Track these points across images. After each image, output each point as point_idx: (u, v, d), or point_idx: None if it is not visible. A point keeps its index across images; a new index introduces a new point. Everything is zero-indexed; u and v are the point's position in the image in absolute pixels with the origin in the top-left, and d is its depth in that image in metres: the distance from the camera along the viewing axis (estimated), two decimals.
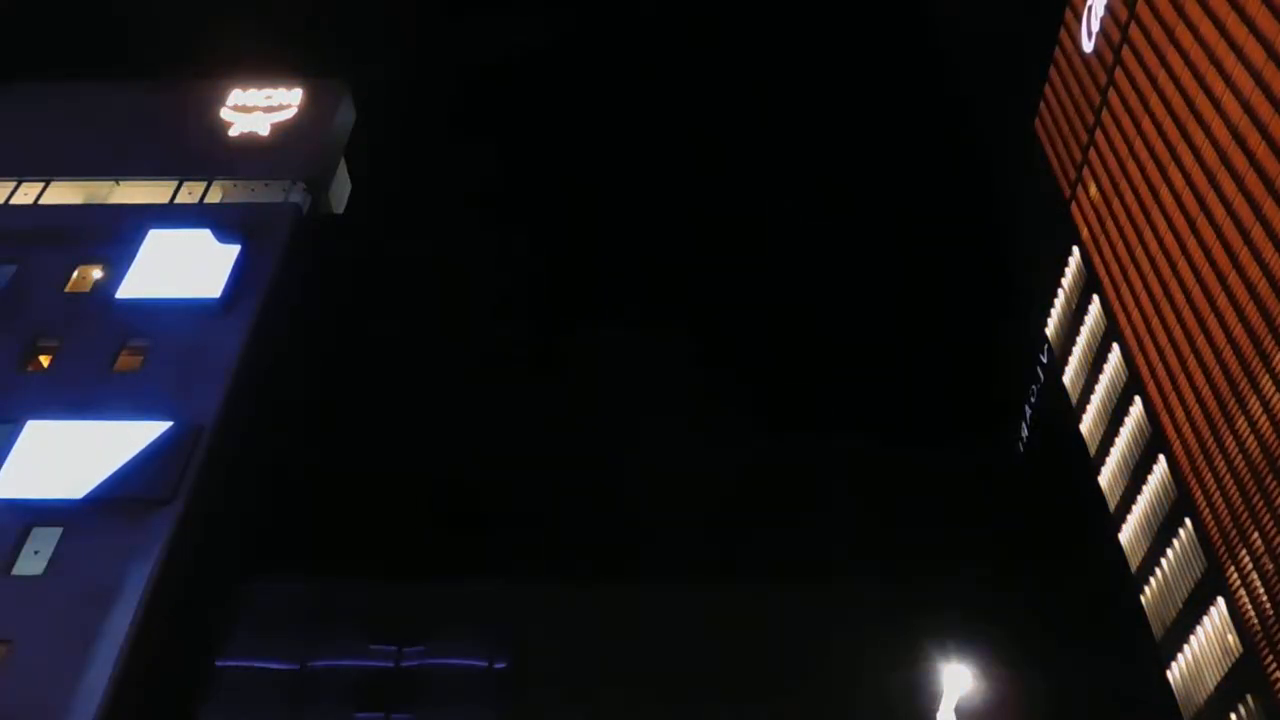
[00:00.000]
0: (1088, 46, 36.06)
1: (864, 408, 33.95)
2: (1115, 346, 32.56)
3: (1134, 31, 32.17)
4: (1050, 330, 37.59)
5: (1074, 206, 36.59)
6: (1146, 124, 30.91)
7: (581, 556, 30.60)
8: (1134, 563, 30.70)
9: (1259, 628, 23.91)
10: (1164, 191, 29.57)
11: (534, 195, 43.00)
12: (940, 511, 30.88)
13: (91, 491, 30.03)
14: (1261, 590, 23.79)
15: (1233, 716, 24.97)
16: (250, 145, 41.62)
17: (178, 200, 40.17)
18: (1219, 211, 26.23)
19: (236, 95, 43.42)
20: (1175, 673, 27.99)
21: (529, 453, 33.30)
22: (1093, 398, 34.06)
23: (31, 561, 29.48)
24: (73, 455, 31.00)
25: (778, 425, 33.41)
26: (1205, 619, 26.61)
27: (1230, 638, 25.32)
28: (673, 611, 29.39)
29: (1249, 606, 24.39)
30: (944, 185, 41.97)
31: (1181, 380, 28.10)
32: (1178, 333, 28.38)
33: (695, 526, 30.91)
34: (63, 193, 40.57)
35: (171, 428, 31.56)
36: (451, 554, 30.99)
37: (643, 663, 28.50)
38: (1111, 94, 33.72)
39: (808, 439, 32.87)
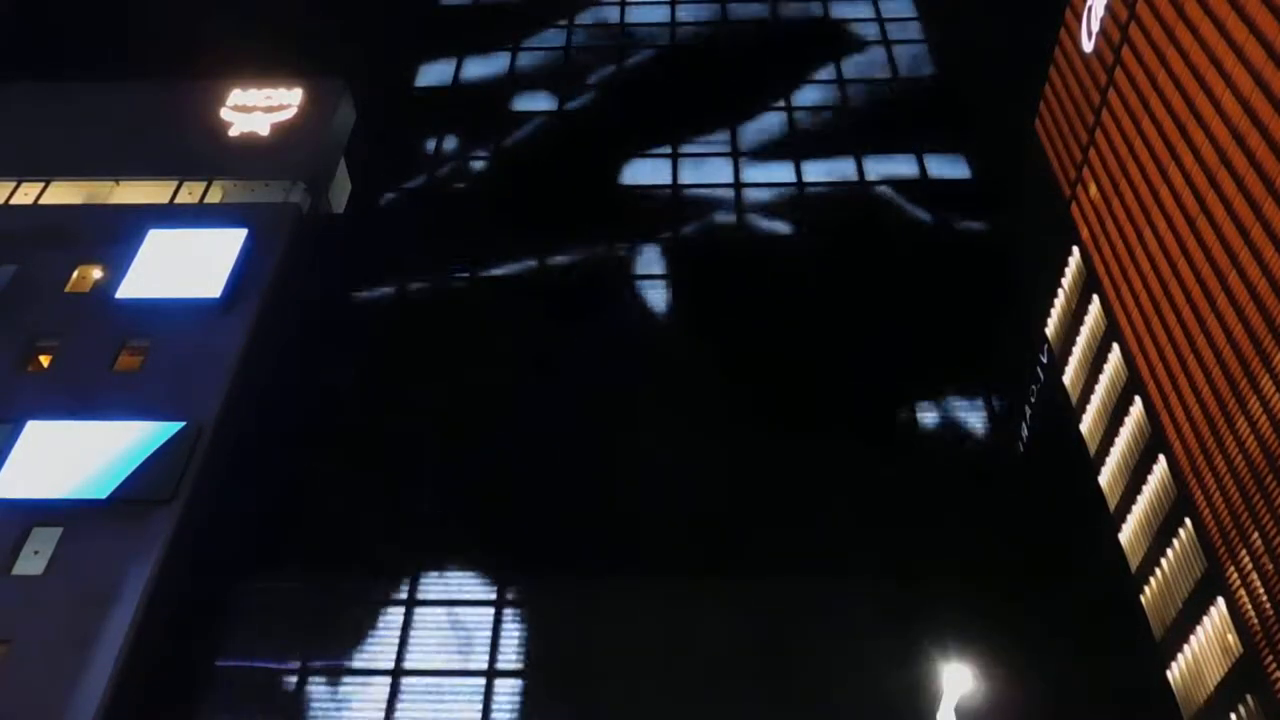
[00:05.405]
0: (1088, 46, 36.08)
1: (863, 407, 33.95)
2: (1115, 346, 32.57)
3: (1134, 31, 32.19)
4: (1050, 330, 37.62)
5: (1074, 206, 36.60)
6: (1146, 124, 30.92)
7: (581, 556, 30.60)
8: (1134, 563, 30.71)
9: (1259, 628, 23.91)
10: (1164, 191, 29.58)
11: (534, 195, 43.01)
12: (940, 511, 30.88)
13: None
14: (1261, 590, 23.79)
15: (1233, 716, 24.97)
16: (250, 145, 41.71)
17: (178, 200, 40.26)
18: (1219, 211, 26.23)
19: (236, 95, 43.51)
20: (1175, 673, 28.00)
21: (529, 451, 33.29)
22: (1093, 398, 34.07)
23: (31, 561, 29.51)
24: (74, 456, 31.05)
25: (777, 424, 33.41)
26: (1205, 619, 26.61)
27: (1230, 638, 25.32)
28: (673, 611, 29.40)
29: (1249, 606, 24.40)
30: (943, 186, 41.95)
31: (1181, 380, 28.10)
32: (1178, 333, 28.39)
33: (695, 525, 30.90)
34: (63, 193, 40.64)
35: (176, 427, 31.64)
36: (451, 554, 30.99)
37: (643, 662, 28.51)
38: (1111, 94, 33.74)
39: (807, 437, 32.85)
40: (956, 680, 24.27)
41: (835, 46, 49.64)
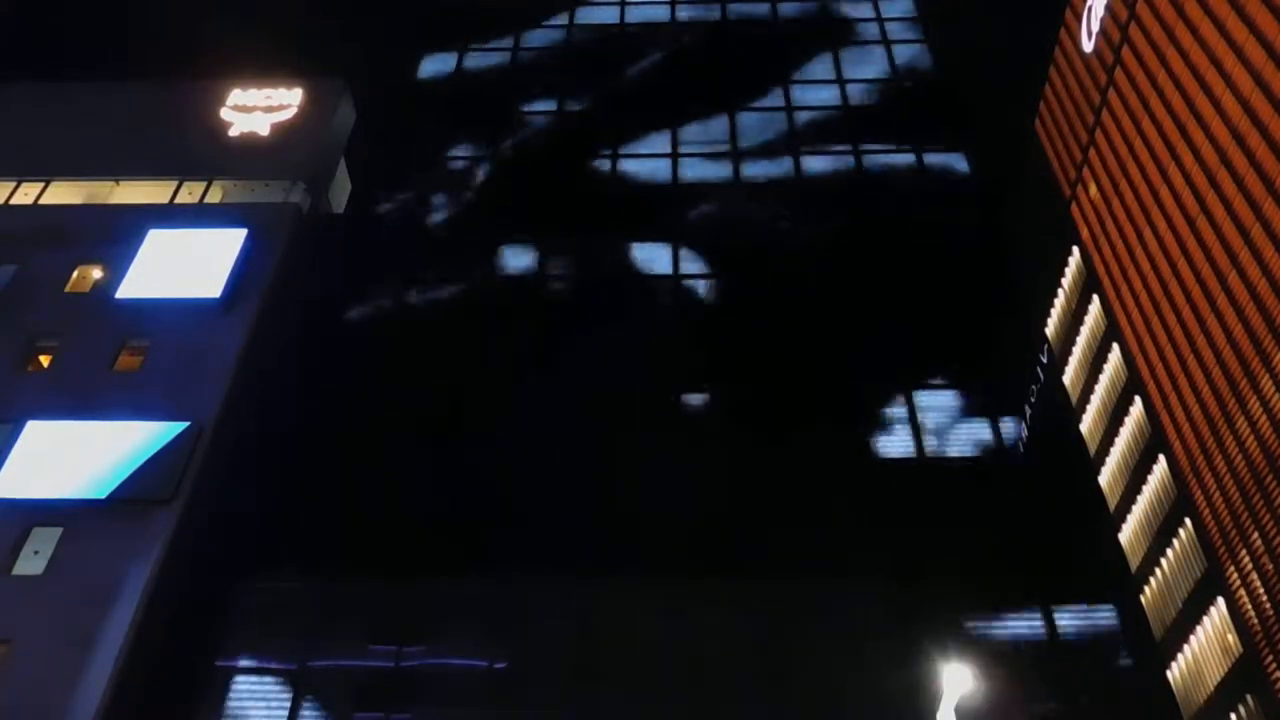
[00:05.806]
0: (1088, 46, 36.07)
1: (863, 407, 33.94)
2: (1115, 346, 32.56)
3: (1134, 31, 32.18)
4: (1050, 330, 37.61)
5: (1074, 206, 36.58)
6: (1146, 124, 30.91)
7: (581, 556, 30.59)
8: (1134, 563, 30.71)
9: (1259, 628, 23.92)
10: (1164, 191, 29.57)
11: (534, 194, 43.02)
12: (940, 511, 30.89)
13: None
14: (1261, 590, 23.80)
15: (1233, 716, 24.97)
16: (250, 145, 41.73)
17: (178, 200, 40.27)
18: (1219, 211, 26.23)
19: (236, 95, 43.53)
20: (1175, 673, 28.00)
21: (528, 451, 33.29)
22: (1093, 398, 34.06)
23: (31, 561, 29.52)
24: (74, 456, 31.06)
25: (777, 424, 33.41)
26: (1205, 619, 26.61)
27: (1230, 638, 25.32)
28: (673, 611, 29.39)
29: (1249, 606, 24.40)
30: (943, 186, 41.96)
31: (1181, 380, 28.10)
32: (1178, 333, 28.38)
33: (695, 525, 30.90)
34: (63, 193, 40.66)
35: (177, 427, 31.65)
36: (452, 554, 30.99)
37: (643, 662, 28.52)
38: (1111, 94, 33.72)
39: (807, 437, 32.86)
40: (956, 680, 24.27)
41: (835, 45, 49.63)
